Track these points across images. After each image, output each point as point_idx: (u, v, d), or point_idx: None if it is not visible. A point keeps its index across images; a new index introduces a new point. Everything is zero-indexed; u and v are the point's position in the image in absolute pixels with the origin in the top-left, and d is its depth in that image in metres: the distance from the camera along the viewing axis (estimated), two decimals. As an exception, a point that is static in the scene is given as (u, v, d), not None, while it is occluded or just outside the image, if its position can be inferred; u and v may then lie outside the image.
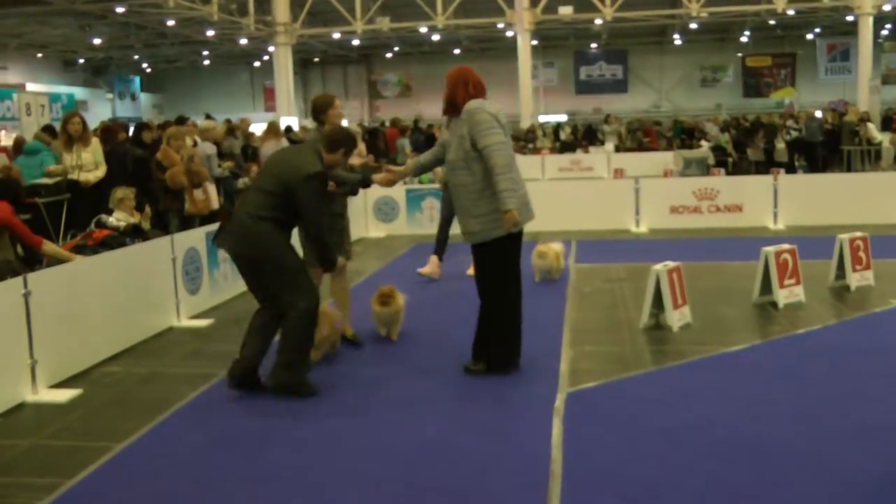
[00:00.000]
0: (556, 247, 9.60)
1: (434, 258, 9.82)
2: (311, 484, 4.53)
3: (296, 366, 5.82)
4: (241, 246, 5.78)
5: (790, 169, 20.88)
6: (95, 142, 10.47)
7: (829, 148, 22.22)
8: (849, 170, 21.28)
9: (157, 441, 5.23)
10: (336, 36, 35.41)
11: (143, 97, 48.39)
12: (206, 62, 47.32)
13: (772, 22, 39.36)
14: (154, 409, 5.72)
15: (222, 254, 8.83)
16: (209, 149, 11.00)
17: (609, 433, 5.08)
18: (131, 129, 15.48)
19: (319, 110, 6.98)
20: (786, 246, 8.14)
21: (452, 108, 6.07)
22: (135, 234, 8.51)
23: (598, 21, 33.10)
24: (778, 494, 4.20)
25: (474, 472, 4.59)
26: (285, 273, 5.75)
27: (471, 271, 7.70)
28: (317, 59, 48.71)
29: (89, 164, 10.23)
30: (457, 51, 44.68)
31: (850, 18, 33.55)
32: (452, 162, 5.98)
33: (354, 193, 7.24)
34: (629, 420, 5.28)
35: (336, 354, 6.78)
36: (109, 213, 8.93)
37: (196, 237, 8.52)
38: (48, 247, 7.34)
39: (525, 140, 27.55)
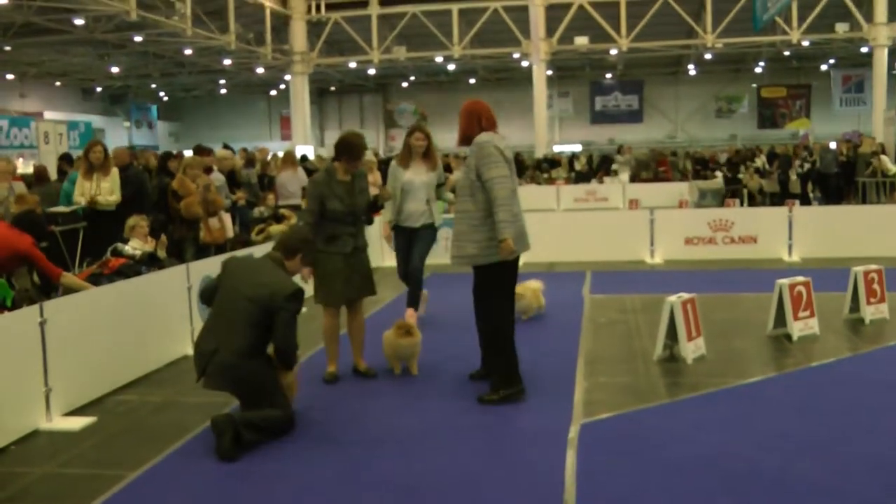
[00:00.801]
0: (534, 284, 9.20)
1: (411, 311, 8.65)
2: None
3: (240, 424, 5.52)
4: (230, 386, 5.77)
5: (804, 200, 20.86)
6: (115, 171, 10.56)
7: (844, 179, 22.18)
8: (864, 201, 21.22)
9: (169, 470, 5.24)
10: (352, 65, 35.69)
11: (160, 125, 48.83)
12: (223, 91, 47.75)
13: (787, 53, 39.49)
14: (168, 437, 5.74)
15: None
16: (217, 179, 11.06)
17: (623, 465, 5.06)
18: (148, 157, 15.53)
19: (356, 155, 6.90)
20: (800, 278, 8.12)
21: (466, 140, 6.38)
22: (151, 262, 8.56)
23: (614, 51, 33.28)
24: (792, 529, 4.18)
25: (488, 502, 4.58)
26: (266, 397, 5.71)
27: (410, 317, 8.06)
28: (333, 88, 49.05)
29: (107, 192, 10.32)
30: (472, 80, 44.93)
31: (864, 50, 33.64)
32: (460, 189, 6.36)
33: (370, 222, 7.28)
34: (643, 452, 5.26)
35: (347, 388, 6.79)
36: (125, 241, 8.98)
37: (211, 266, 8.53)
38: (66, 279, 7.42)
39: (540, 169, 27.59)
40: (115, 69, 36.88)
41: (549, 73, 34.76)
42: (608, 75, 46.02)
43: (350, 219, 6.83)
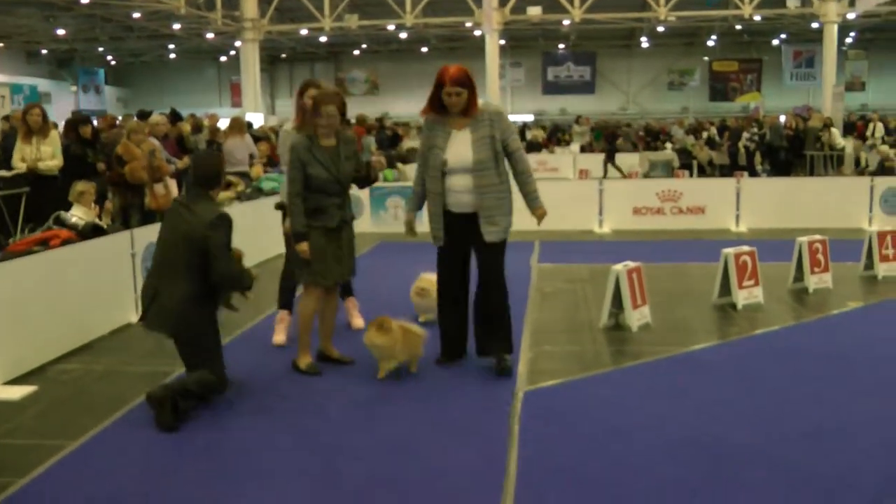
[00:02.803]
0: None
1: (285, 315, 7.35)
2: (266, 480, 4.50)
3: (175, 394, 5.40)
4: (168, 330, 5.68)
5: (753, 172, 21.14)
6: (54, 134, 10.35)
7: (793, 153, 22.49)
8: (811, 174, 21.53)
9: (111, 440, 5.16)
10: (304, 33, 35.31)
11: (108, 90, 47.96)
12: (173, 56, 47.03)
13: (739, 27, 39.83)
14: (110, 407, 5.65)
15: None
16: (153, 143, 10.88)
17: (565, 432, 5.09)
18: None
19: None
20: (745, 248, 8.22)
21: (471, 109, 6.06)
22: (94, 234, 8.38)
23: (567, 22, 33.24)
24: (732, 495, 4.24)
25: (430, 470, 4.59)
26: (202, 353, 5.66)
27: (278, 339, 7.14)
28: (284, 56, 48.53)
29: (48, 156, 10.11)
30: (424, 49, 44.70)
31: (815, 26, 33.99)
32: (482, 162, 5.99)
33: (362, 185, 6.92)
34: (586, 419, 5.30)
35: (289, 352, 6.73)
36: (69, 206, 8.82)
37: (156, 232, 8.39)
38: None
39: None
40: (61, 32, 36.07)
41: (502, 42, 34.64)
42: (561, 46, 46.10)
43: (336, 188, 6.14)
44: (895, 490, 4.24)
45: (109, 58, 47.23)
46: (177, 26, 33.37)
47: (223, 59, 47.28)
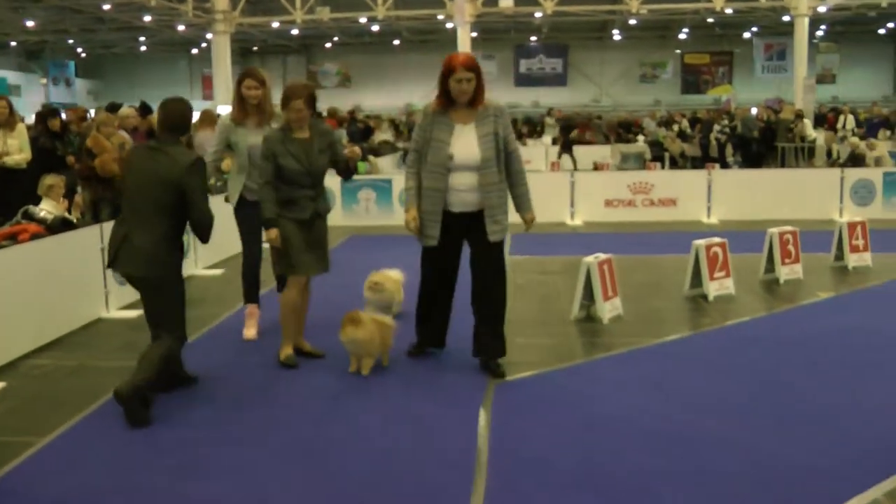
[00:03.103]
0: (395, 275, 7.69)
1: (254, 310, 7.26)
2: (237, 477, 4.48)
3: (141, 387, 5.37)
4: (139, 269, 5.61)
5: (724, 164, 21.29)
6: (21, 127, 10.25)
7: (765, 144, 22.65)
8: (783, 166, 21.70)
9: (81, 436, 5.11)
10: (275, 25, 35.09)
11: (79, 83, 47.50)
12: (144, 48, 46.58)
13: (710, 20, 39.98)
14: (81, 403, 5.60)
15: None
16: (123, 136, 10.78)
17: (536, 424, 5.11)
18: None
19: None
20: (716, 239, 8.28)
21: (478, 100, 5.87)
22: (63, 228, 8.29)
23: (539, 14, 33.24)
24: (704, 484, 4.26)
25: (402, 462, 4.59)
26: (169, 300, 5.63)
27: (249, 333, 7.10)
28: (256, 49, 48.22)
29: (15, 150, 10.00)
30: (396, 42, 44.55)
31: (786, 19, 34.22)
32: (488, 160, 5.81)
33: (345, 176, 6.85)
34: (557, 411, 5.32)
35: (261, 352, 6.69)
36: (38, 200, 8.73)
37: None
38: None
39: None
40: (30, 23, 35.62)
41: (474, 35, 34.55)
42: (533, 38, 46.12)
43: (308, 180, 6.11)
44: (868, 478, 4.28)
45: (80, 50, 46.73)
46: (148, 18, 33.04)
47: (195, 51, 46.90)
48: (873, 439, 4.79)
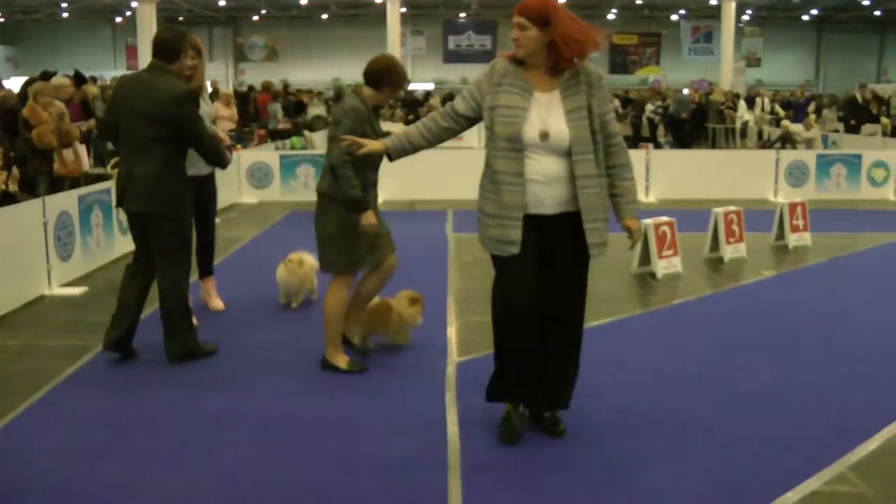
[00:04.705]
0: (310, 259, 7.13)
1: (211, 279, 7.20)
2: (203, 458, 4.37)
3: (182, 331, 5.72)
4: (147, 205, 5.53)
5: (656, 144, 21.62)
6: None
7: (695, 125, 23.04)
8: (713, 147, 22.09)
9: (33, 420, 4.91)
10: (203, -5, 34.42)
11: (-4, 50, 45.99)
12: (65, 15, 45.23)
13: (639, 2, 40.38)
14: (32, 384, 5.41)
15: (96, 219, 8.48)
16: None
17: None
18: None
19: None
20: (664, 218, 8.38)
21: (561, 63, 4.36)
22: (4, 202, 8.02)
23: (470, -9, 33.21)
24: (668, 461, 4.31)
25: (373, 443, 4.53)
26: (176, 235, 5.62)
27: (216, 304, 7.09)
28: (181, 19, 47.16)
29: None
30: (325, 16, 44.05)
31: (713, 2, 34.75)
32: (581, 142, 4.25)
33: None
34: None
35: (226, 323, 6.59)
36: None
37: (68, 200, 8.12)
38: None
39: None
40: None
41: (403, 10, 34.35)
42: (462, 15, 46.05)
43: (380, 163, 5.33)
44: (832, 451, 4.38)
45: (-3, 15, 45.25)
46: (70, -15, 32.12)
47: (118, 20, 45.73)
48: (830, 414, 4.90)
